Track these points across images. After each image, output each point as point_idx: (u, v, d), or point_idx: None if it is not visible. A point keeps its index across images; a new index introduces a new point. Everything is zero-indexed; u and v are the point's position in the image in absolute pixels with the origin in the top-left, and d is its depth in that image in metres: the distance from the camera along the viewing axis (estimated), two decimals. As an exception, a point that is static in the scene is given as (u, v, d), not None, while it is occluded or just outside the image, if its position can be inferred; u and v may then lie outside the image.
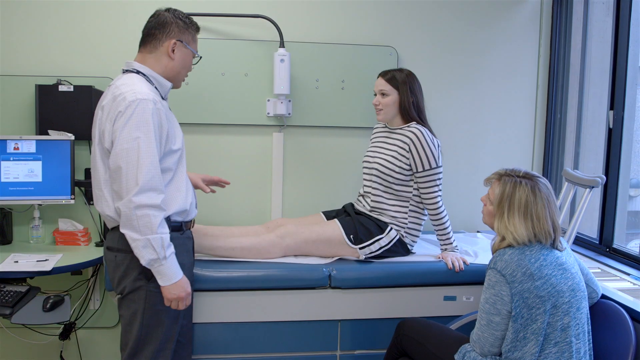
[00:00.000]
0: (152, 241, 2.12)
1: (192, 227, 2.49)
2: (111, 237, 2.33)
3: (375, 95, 3.02)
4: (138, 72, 2.31)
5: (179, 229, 2.32)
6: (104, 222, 2.43)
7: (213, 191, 2.76)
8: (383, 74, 3.01)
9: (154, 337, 2.32)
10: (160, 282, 2.20)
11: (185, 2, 3.28)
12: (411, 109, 2.95)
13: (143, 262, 2.14)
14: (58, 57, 3.23)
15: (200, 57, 2.48)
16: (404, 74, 2.98)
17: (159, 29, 2.33)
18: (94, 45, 3.25)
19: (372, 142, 3.14)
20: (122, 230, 2.15)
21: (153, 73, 2.33)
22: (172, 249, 2.19)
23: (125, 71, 2.34)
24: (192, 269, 2.50)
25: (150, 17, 2.38)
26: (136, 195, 2.10)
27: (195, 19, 2.44)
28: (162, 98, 2.35)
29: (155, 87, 2.32)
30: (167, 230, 2.18)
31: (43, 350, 3.32)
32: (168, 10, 2.38)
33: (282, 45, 3.32)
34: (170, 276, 2.19)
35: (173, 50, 2.34)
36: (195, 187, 2.70)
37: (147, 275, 2.25)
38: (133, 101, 2.15)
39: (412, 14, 3.53)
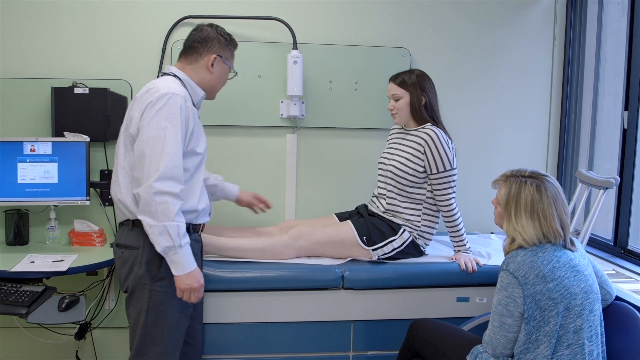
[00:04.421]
0: (169, 228, 2.16)
1: (201, 231, 2.51)
2: (119, 233, 2.39)
3: (390, 100, 3.03)
4: (175, 76, 2.41)
5: (187, 230, 2.34)
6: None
7: (263, 210, 3.10)
8: (393, 78, 3.01)
9: (158, 338, 2.34)
10: (174, 272, 2.23)
11: (199, 5, 3.30)
12: (422, 109, 2.95)
13: (158, 248, 2.18)
14: (73, 60, 3.26)
15: (236, 73, 2.60)
16: (414, 75, 2.98)
17: (202, 43, 2.44)
18: (109, 47, 3.28)
19: (389, 144, 3.14)
20: (139, 216, 2.20)
21: (188, 79, 2.43)
22: (187, 239, 2.24)
23: (163, 74, 2.45)
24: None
25: (193, 31, 2.48)
26: (157, 182, 2.15)
27: (208, 21, 2.47)
28: (194, 104, 2.42)
29: (189, 93, 2.40)
30: (183, 220, 2.23)
31: (59, 350, 3.36)
32: (211, 25, 2.49)
33: (295, 47, 3.33)
34: (184, 266, 2.23)
35: (212, 65, 2.45)
36: (250, 203, 3.02)
37: (151, 273, 2.29)
38: (165, 94, 2.24)
39: (425, 16, 3.53)
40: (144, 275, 2.29)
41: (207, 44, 2.44)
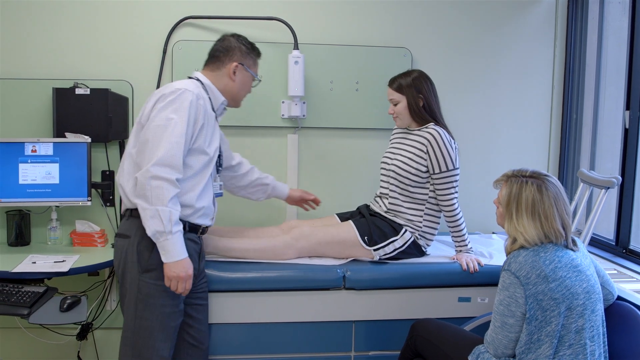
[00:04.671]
0: (161, 212, 2.20)
1: (200, 233, 2.52)
2: (121, 223, 2.45)
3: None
4: (197, 80, 2.49)
5: (183, 228, 2.35)
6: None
7: (312, 207, 3.21)
8: (390, 83, 3.01)
9: (147, 330, 2.35)
10: (163, 259, 2.26)
11: (200, 5, 3.30)
12: (421, 110, 2.94)
13: (149, 232, 2.22)
14: (75, 61, 3.26)
15: (260, 80, 2.68)
16: (411, 77, 2.96)
17: (224, 52, 2.54)
18: (111, 48, 3.29)
19: (391, 143, 3.14)
20: (134, 199, 2.26)
21: (211, 85, 2.51)
22: (179, 227, 2.27)
23: (188, 78, 2.53)
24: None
25: (217, 41, 2.59)
26: (154, 166, 2.21)
27: (209, 22, 2.49)
28: (213, 109, 2.49)
29: (209, 97, 2.47)
30: (178, 207, 2.27)
31: (60, 351, 3.36)
32: (233, 35, 2.59)
33: (296, 47, 3.33)
34: (174, 253, 2.25)
35: (234, 72, 2.53)
36: (300, 200, 3.11)
37: (141, 263, 2.32)
38: (179, 89, 2.33)
39: (426, 16, 3.52)
40: (134, 265, 2.33)
41: (228, 52, 2.52)
